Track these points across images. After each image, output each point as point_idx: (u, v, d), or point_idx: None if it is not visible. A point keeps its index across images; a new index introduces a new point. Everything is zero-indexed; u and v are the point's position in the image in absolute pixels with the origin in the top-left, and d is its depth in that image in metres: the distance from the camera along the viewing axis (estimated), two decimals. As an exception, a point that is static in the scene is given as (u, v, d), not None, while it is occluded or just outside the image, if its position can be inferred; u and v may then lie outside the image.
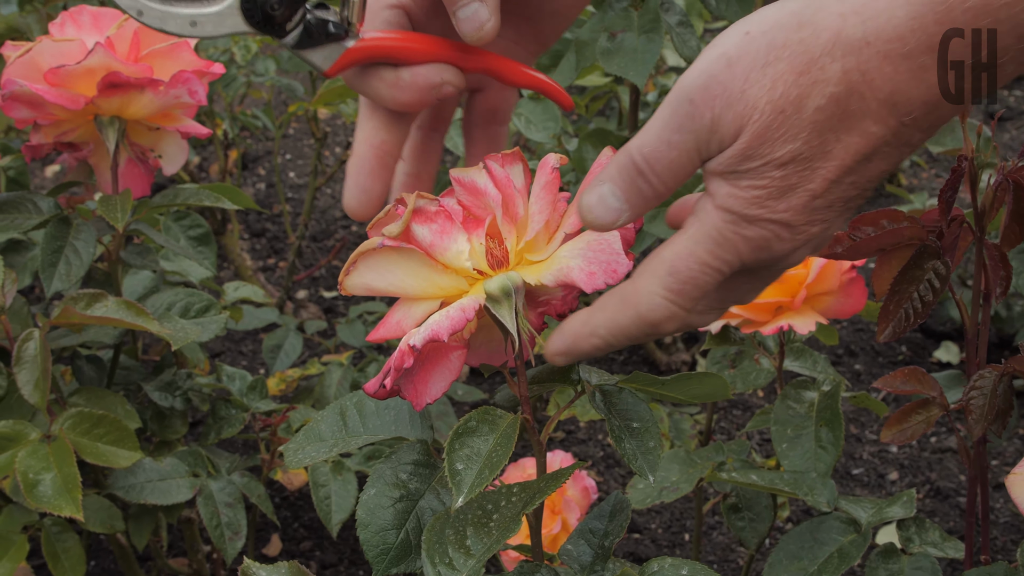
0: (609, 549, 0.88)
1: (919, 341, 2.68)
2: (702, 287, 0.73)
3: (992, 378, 1.03)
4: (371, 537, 0.82)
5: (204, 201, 1.40)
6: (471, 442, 0.78)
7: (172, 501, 1.38)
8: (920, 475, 2.25)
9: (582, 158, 1.67)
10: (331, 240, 3.01)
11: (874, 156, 0.70)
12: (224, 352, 2.53)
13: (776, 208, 0.71)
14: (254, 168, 3.34)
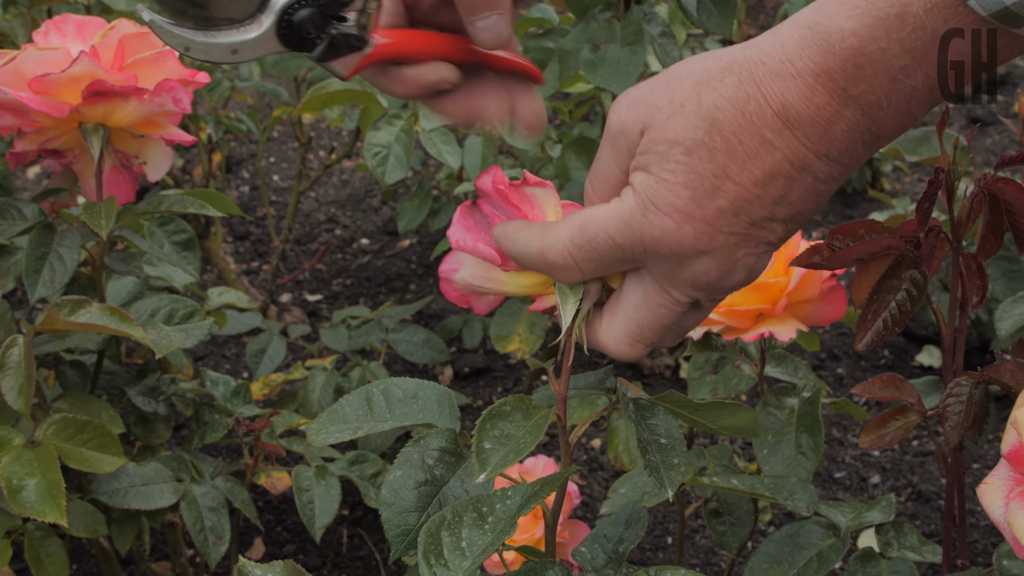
0: (623, 555, 0.90)
1: (901, 345, 2.69)
2: (599, 253, 0.79)
3: (968, 385, 1.04)
4: (393, 517, 0.84)
5: (189, 208, 1.41)
6: (502, 425, 0.82)
7: (155, 506, 1.39)
8: (902, 478, 2.27)
9: (565, 165, 1.68)
10: (315, 244, 3.02)
11: (778, 176, 0.76)
12: (207, 356, 2.54)
13: (682, 195, 0.76)
14: (238, 171, 3.34)
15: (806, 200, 0.78)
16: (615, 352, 0.84)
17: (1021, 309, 1.49)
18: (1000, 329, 1.49)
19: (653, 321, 0.82)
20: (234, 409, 1.55)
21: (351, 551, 2.04)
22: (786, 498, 1.23)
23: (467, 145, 1.87)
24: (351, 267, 2.89)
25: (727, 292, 0.82)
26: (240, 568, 0.87)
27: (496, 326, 1.91)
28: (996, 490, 0.85)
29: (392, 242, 3.00)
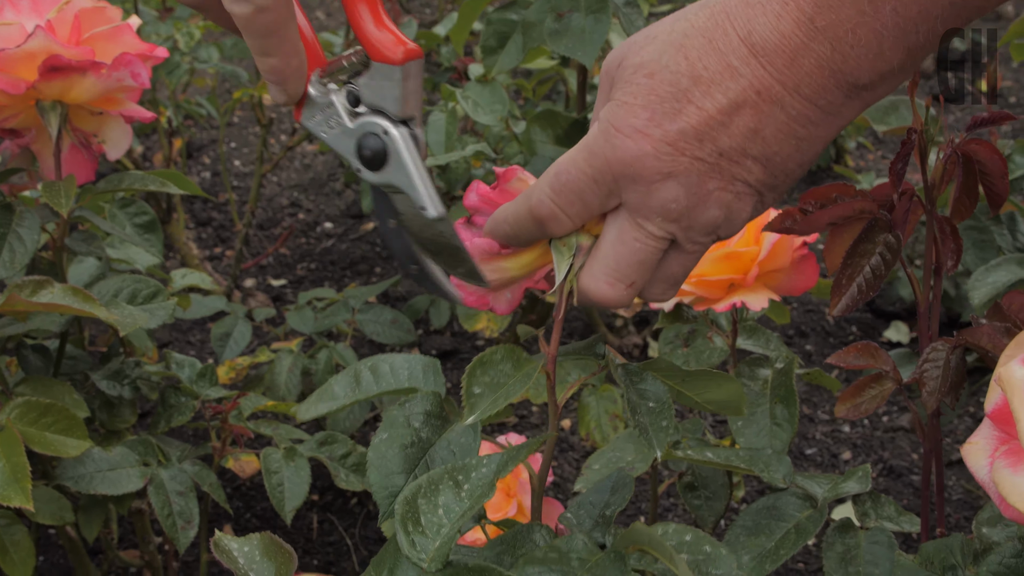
0: (610, 518, 0.90)
1: (869, 321, 2.69)
2: (577, 191, 0.80)
3: (945, 351, 1.03)
4: (379, 479, 0.85)
5: (150, 186, 1.38)
6: (492, 372, 0.84)
7: (122, 491, 1.37)
8: (873, 454, 2.26)
9: (531, 140, 1.66)
10: (278, 228, 2.99)
11: (745, 105, 0.76)
12: (172, 342, 2.51)
13: (640, 115, 0.77)
14: (199, 157, 3.31)
15: (782, 142, 0.77)
16: (596, 293, 0.84)
17: (994, 277, 1.49)
18: (974, 298, 1.49)
19: (629, 256, 0.82)
20: (200, 391, 1.53)
21: (321, 536, 2.02)
22: (762, 470, 1.21)
23: (430, 122, 1.84)
24: (315, 251, 2.87)
25: (706, 232, 0.81)
26: (217, 541, 0.87)
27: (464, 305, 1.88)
28: (980, 449, 0.84)
29: (356, 225, 2.98)
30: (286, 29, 0.79)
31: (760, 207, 0.82)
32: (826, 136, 0.78)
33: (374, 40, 0.81)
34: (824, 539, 1.18)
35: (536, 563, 0.80)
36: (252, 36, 0.78)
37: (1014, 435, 0.83)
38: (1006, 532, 1.05)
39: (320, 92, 0.84)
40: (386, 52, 0.81)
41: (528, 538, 0.86)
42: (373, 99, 0.83)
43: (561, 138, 1.65)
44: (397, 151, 0.84)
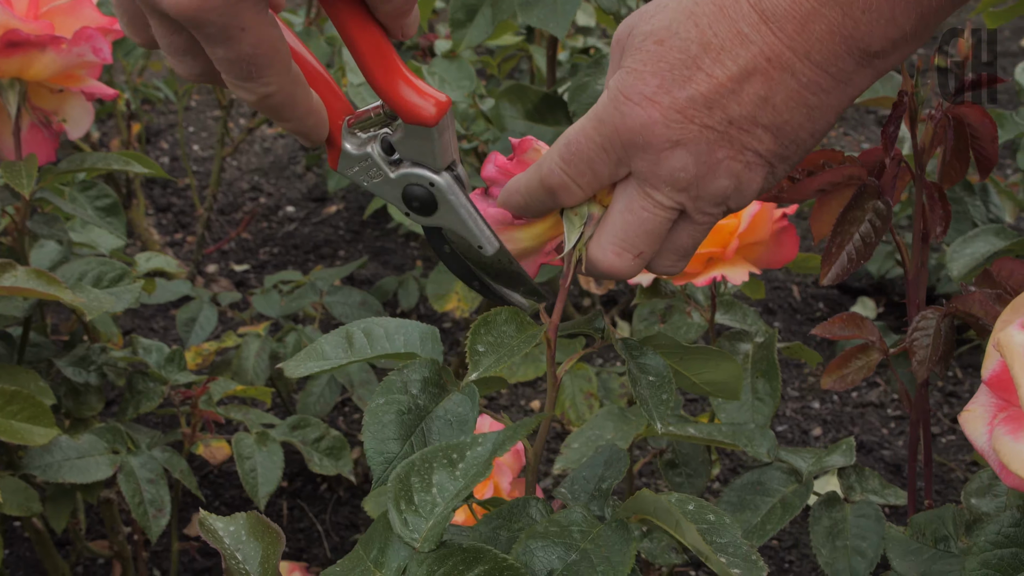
0: (607, 491, 0.90)
1: (835, 297, 2.68)
2: (587, 160, 0.79)
3: (935, 318, 1.01)
4: (374, 444, 0.83)
5: (113, 165, 1.35)
6: (496, 332, 0.83)
7: (92, 479, 1.33)
8: (843, 430, 2.26)
9: (500, 115, 1.63)
10: (239, 213, 2.95)
11: (756, 72, 0.74)
12: (134, 329, 2.47)
13: (650, 83, 0.75)
14: (156, 142, 3.26)
15: (793, 110, 0.75)
16: (603, 263, 0.83)
17: (972, 248, 1.47)
18: (952, 269, 1.47)
19: (637, 226, 0.80)
20: (169, 376, 1.49)
21: (291, 523, 2.00)
22: (746, 444, 1.20)
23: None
24: (277, 235, 2.83)
25: (716, 202, 0.79)
26: (202, 520, 0.84)
27: (433, 284, 1.86)
28: (978, 417, 0.82)
29: (318, 209, 2.95)
30: (295, 100, 0.77)
31: (772, 179, 0.80)
32: (838, 105, 0.76)
33: (403, 103, 0.79)
34: (811, 514, 1.17)
35: (538, 537, 0.79)
36: (263, 112, 0.78)
37: (1013, 402, 0.81)
38: (995, 503, 1.04)
39: (354, 145, 0.83)
40: (419, 114, 0.79)
41: (524, 513, 0.85)
42: (411, 155, 0.82)
43: (531, 113, 1.62)
44: (445, 199, 0.83)
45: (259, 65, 0.73)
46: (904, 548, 0.99)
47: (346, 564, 0.81)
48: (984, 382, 0.83)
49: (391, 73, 0.79)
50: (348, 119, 0.83)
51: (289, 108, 0.77)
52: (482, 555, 0.74)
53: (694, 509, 0.85)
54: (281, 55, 0.74)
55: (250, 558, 0.87)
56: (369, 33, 0.78)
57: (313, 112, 0.79)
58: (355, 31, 0.78)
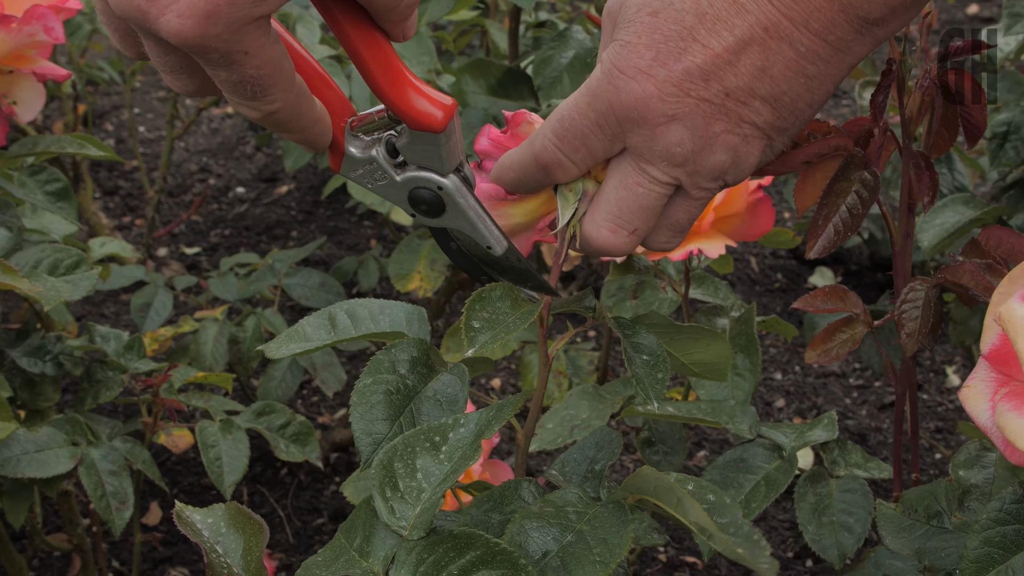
0: (600, 472, 0.88)
1: (793, 268, 2.67)
2: (581, 136, 0.77)
3: (924, 290, 0.99)
4: (362, 426, 0.81)
5: (67, 148, 1.30)
6: (491, 308, 0.81)
7: (52, 473, 1.29)
8: (806, 400, 2.25)
9: (462, 90, 1.60)
10: (188, 195, 2.90)
11: (752, 43, 0.72)
12: (84, 316, 2.41)
13: (644, 56, 0.73)
14: (101, 124, 3.20)
15: (791, 80, 0.73)
16: (597, 240, 0.81)
17: (941, 219, 1.46)
18: (923, 240, 1.46)
19: (632, 202, 0.78)
20: (128, 364, 1.45)
21: (252, 509, 1.95)
22: (726, 421, 1.17)
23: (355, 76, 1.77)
24: (228, 217, 2.78)
25: (713, 177, 0.77)
26: (178, 513, 0.82)
27: (395, 264, 1.83)
28: (979, 393, 0.80)
29: (269, 189, 2.90)
30: (300, 113, 0.75)
31: (770, 152, 0.78)
32: (837, 74, 0.74)
33: (411, 111, 0.77)
34: (796, 490, 1.15)
35: (533, 518, 0.77)
36: (268, 128, 0.76)
37: (1015, 376, 0.79)
38: (983, 474, 1.02)
39: (358, 148, 0.80)
40: (427, 122, 0.77)
41: (516, 495, 0.83)
42: (417, 159, 0.80)
43: (494, 88, 1.59)
44: (454, 202, 0.81)
45: (263, 85, 0.71)
46: (896, 525, 0.97)
47: (328, 554, 0.79)
48: (983, 356, 0.81)
49: (397, 81, 0.76)
50: (351, 121, 0.80)
51: (294, 122, 0.75)
52: (473, 541, 0.72)
53: (694, 489, 0.83)
54: (285, 72, 0.71)
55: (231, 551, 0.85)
56: (371, 39, 0.75)
57: (318, 121, 0.77)
58: (356, 38, 0.75)
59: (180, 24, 0.65)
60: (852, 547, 1.10)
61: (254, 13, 0.66)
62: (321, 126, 0.77)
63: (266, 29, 0.69)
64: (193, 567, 1.84)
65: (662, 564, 1.84)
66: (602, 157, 0.79)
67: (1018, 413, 0.78)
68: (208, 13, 0.65)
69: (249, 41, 0.68)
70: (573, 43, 1.47)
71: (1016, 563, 0.83)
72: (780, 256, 2.72)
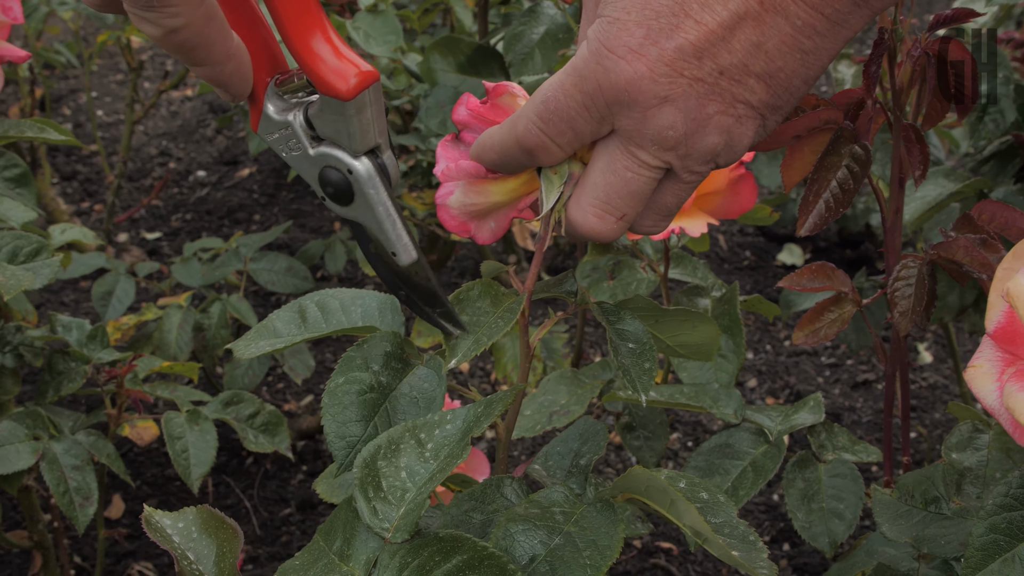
0: (586, 468, 0.86)
1: (762, 245, 2.65)
2: (567, 119, 0.73)
3: (917, 267, 0.96)
4: (335, 428, 0.78)
5: (27, 132, 1.26)
6: (470, 309, 0.78)
7: (12, 469, 1.25)
8: (779, 380, 2.22)
9: (430, 68, 1.56)
10: (148, 179, 2.85)
11: (747, 17, 0.68)
12: (43, 304, 2.36)
13: (635, 33, 0.69)
14: (58, 108, 3.14)
15: (787, 55, 0.69)
16: (583, 225, 0.76)
17: (922, 192, 1.43)
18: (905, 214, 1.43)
19: (620, 186, 0.74)
20: (91, 355, 1.40)
21: (218, 501, 1.92)
22: (710, 406, 1.14)
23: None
24: (189, 201, 2.73)
25: (705, 160, 0.73)
26: (147, 518, 0.79)
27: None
28: (985, 373, 0.77)
29: (231, 172, 2.85)
30: (210, 40, 0.69)
31: (762, 131, 0.74)
32: (832, 49, 0.71)
33: (317, 69, 0.70)
34: (784, 476, 1.12)
35: (518, 520, 0.74)
36: (172, 53, 0.69)
37: (1022, 355, 0.76)
38: (977, 457, 0.99)
39: (277, 109, 0.73)
40: (333, 84, 0.70)
41: (498, 492, 0.80)
42: (327, 133, 0.73)
43: (464, 65, 1.55)
44: (363, 191, 0.74)
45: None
46: (893, 511, 0.94)
47: (306, 557, 0.75)
48: (988, 335, 0.78)
49: (309, 29, 0.70)
50: (276, 78, 0.74)
51: (202, 49, 0.69)
52: (460, 544, 0.69)
53: (686, 487, 0.80)
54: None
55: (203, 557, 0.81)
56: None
57: (232, 58, 0.71)
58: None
59: None
60: (843, 534, 1.07)
61: None
62: (235, 65, 0.72)
63: None
64: (157, 560, 1.79)
65: (637, 551, 1.81)
66: (589, 140, 0.75)
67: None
68: None
69: None
70: (544, 18, 1.43)
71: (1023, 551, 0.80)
72: (748, 233, 2.69)
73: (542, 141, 0.74)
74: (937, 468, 0.95)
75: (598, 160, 0.75)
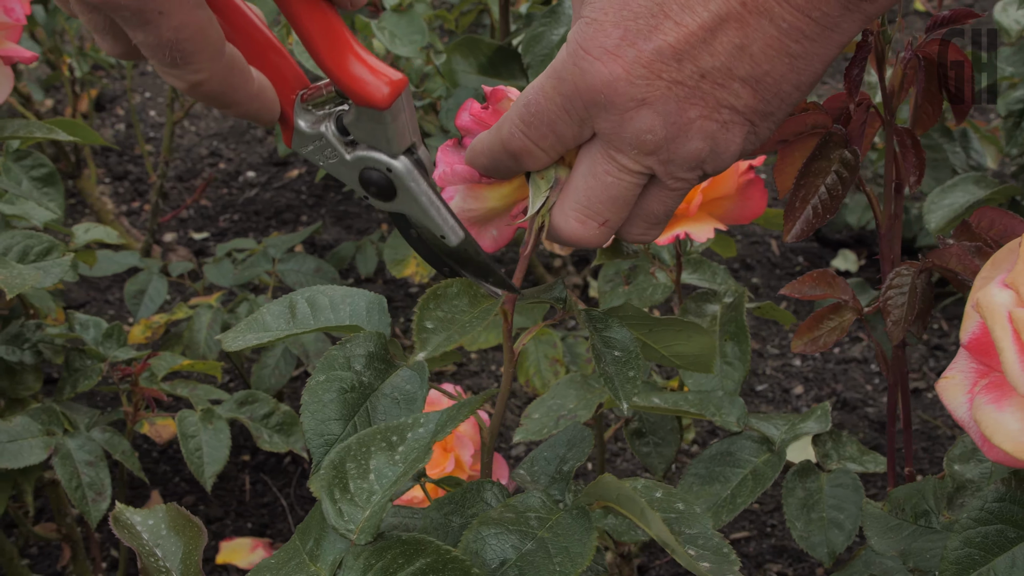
0: (568, 474, 0.85)
1: (816, 251, 2.62)
2: (548, 122, 0.72)
3: (910, 275, 0.94)
4: (314, 426, 0.77)
5: (35, 133, 1.27)
6: (446, 306, 0.78)
7: (24, 463, 1.26)
8: (826, 387, 2.19)
9: (452, 70, 1.55)
10: (198, 179, 2.87)
11: (729, 19, 0.67)
12: (90, 302, 2.39)
13: (612, 34, 0.68)
14: (112, 109, 3.17)
15: (773, 59, 0.67)
16: (565, 230, 0.76)
17: (951, 199, 1.41)
18: (930, 221, 1.40)
19: (600, 191, 0.73)
20: (107, 353, 1.42)
21: (255, 498, 1.93)
22: (713, 413, 1.13)
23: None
24: (238, 201, 2.75)
25: (689, 166, 0.71)
26: (116, 516, 0.80)
27: (390, 249, 1.79)
28: (957, 385, 0.75)
29: (280, 173, 2.86)
30: (234, 87, 0.70)
31: (754, 138, 0.72)
32: (824, 54, 0.69)
33: (352, 83, 0.72)
34: (784, 484, 1.10)
35: (491, 524, 0.74)
36: (200, 100, 0.71)
37: (995, 367, 0.74)
38: (979, 469, 0.97)
39: (308, 123, 0.75)
40: (370, 96, 0.72)
41: (479, 497, 0.80)
42: (365, 139, 0.75)
43: (484, 67, 1.54)
44: (404, 185, 0.76)
45: (184, 51, 0.66)
46: (883, 524, 0.92)
47: (281, 556, 0.75)
48: (963, 346, 0.76)
49: (338, 49, 0.71)
50: (301, 94, 0.75)
51: (227, 95, 0.70)
52: (424, 547, 0.68)
53: (662, 496, 0.79)
54: (210, 40, 0.67)
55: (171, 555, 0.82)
56: (313, 6, 0.70)
57: (256, 97, 0.72)
58: (296, 4, 0.70)
59: None
60: (842, 545, 1.05)
61: None
62: (260, 103, 0.72)
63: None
64: (190, 558, 1.80)
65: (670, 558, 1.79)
66: (572, 143, 0.74)
67: (997, 406, 0.73)
68: None
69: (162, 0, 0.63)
70: (565, 19, 1.42)
71: (999, 565, 0.78)
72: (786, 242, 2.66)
73: (525, 145, 0.74)
74: (928, 482, 0.93)
75: (580, 164, 0.74)
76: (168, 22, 0.64)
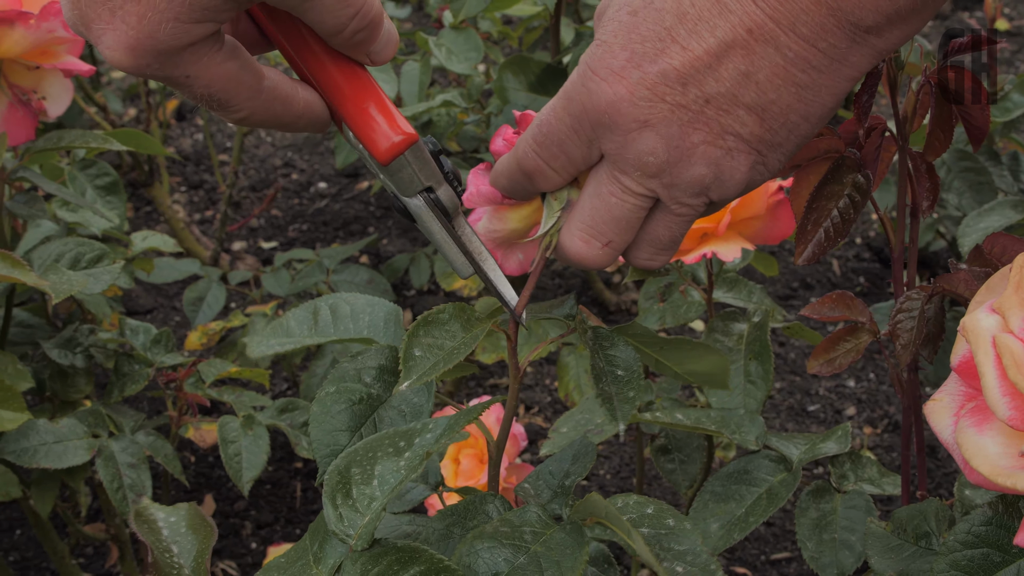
0: (569, 488, 0.85)
1: (877, 271, 2.61)
2: (558, 142, 0.74)
3: (920, 299, 0.95)
4: (322, 436, 0.80)
5: (91, 143, 1.31)
6: (436, 333, 0.78)
7: (67, 464, 1.31)
8: (878, 409, 2.18)
9: (503, 87, 1.58)
10: (271, 189, 2.92)
11: (735, 46, 0.68)
12: (156, 308, 2.44)
13: (619, 56, 0.69)
14: (192, 119, 3.24)
15: (780, 88, 0.68)
16: (571, 250, 0.77)
17: (986, 222, 1.41)
18: (963, 245, 1.40)
19: (604, 211, 0.75)
20: (155, 358, 1.46)
21: (305, 505, 1.96)
22: (733, 431, 1.14)
23: (404, 72, 1.76)
24: (308, 212, 2.79)
25: (693, 192, 0.73)
26: (139, 511, 0.83)
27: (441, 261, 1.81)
28: (945, 407, 0.76)
29: (350, 185, 2.90)
30: (277, 116, 0.73)
31: (762, 169, 0.73)
32: (834, 86, 0.69)
33: (360, 133, 0.76)
34: (798, 504, 1.11)
35: (485, 538, 0.75)
36: (250, 127, 0.76)
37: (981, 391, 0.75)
38: (990, 494, 0.97)
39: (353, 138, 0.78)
40: (371, 151, 0.75)
41: (480, 510, 0.81)
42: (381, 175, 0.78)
43: (534, 84, 1.57)
44: (420, 221, 0.79)
45: (220, 100, 0.70)
46: (884, 544, 0.93)
47: (291, 555, 0.78)
48: (953, 369, 0.77)
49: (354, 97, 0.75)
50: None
51: (272, 122, 0.74)
52: (418, 555, 0.70)
53: (652, 512, 0.80)
54: (244, 84, 0.70)
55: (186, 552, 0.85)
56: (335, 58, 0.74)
57: (303, 116, 0.75)
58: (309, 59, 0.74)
59: (111, 56, 0.65)
60: (852, 566, 1.06)
61: (180, 43, 0.66)
62: (308, 119, 0.75)
63: (208, 51, 0.68)
64: (241, 560, 1.84)
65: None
66: (582, 164, 0.75)
67: (978, 430, 0.74)
68: (132, 47, 0.65)
69: (187, 67, 0.67)
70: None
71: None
72: (863, 259, 2.65)
73: (538, 164, 0.75)
74: (931, 503, 0.94)
75: (588, 185, 0.76)
76: (196, 83, 0.68)
